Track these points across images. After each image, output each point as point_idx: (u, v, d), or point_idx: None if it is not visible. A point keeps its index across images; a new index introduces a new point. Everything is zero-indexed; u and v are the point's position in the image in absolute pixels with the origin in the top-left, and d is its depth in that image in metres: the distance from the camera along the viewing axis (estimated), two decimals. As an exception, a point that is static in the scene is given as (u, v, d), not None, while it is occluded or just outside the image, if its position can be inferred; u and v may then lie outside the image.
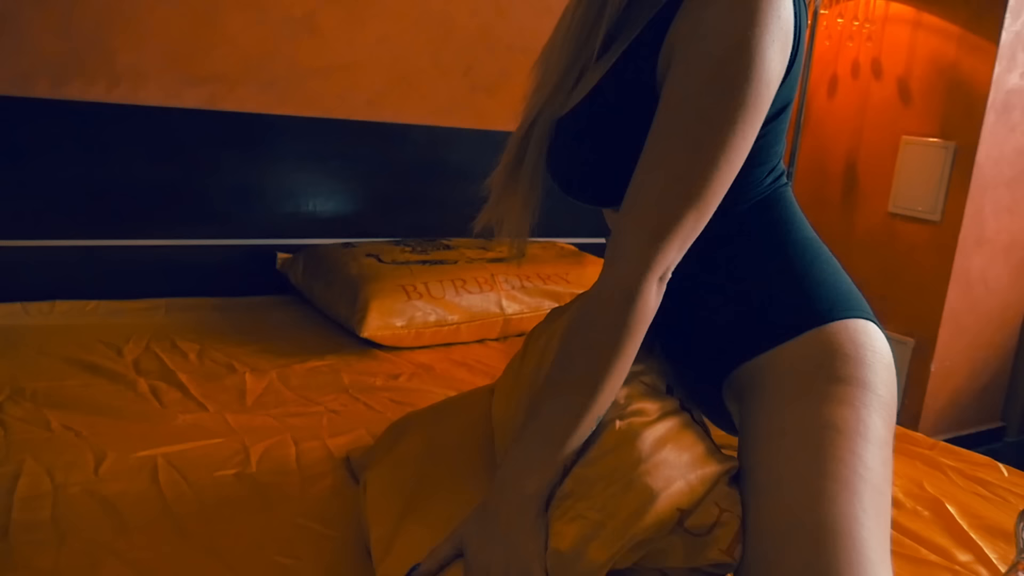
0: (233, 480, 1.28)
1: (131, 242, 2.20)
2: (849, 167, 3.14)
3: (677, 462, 0.91)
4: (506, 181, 1.15)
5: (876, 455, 0.93)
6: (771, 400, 0.99)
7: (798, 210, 1.09)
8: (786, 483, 0.92)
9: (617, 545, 0.85)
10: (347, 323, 1.99)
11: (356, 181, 2.49)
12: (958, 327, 2.98)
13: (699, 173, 0.90)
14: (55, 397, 1.52)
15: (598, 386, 0.92)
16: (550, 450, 0.92)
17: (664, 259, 0.92)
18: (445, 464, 1.11)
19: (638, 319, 0.92)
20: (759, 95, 0.90)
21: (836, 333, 1.00)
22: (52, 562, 1.03)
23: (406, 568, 0.95)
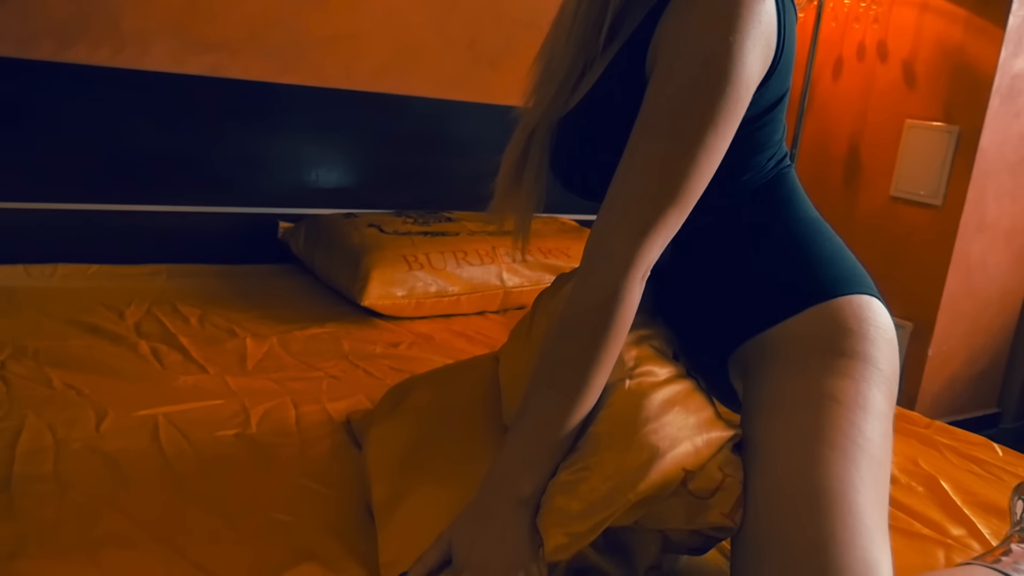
0: (233, 440, 1.29)
1: (133, 207, 2.20)
2: (852, 150, 3.14)
3: (684, 424, 0.92)
4: (512, 179, 1.17)
5: (876, 427, 0.94)
6: (774, 372, 1.01)
7: (801, 190, 1.11)
8: (784, 449, 0.93)
9: (622, 501, 0.87)
10: (348, 292, 1.99)
11: (359, 152, 2.49)
12: (957, 312, 2.99)
13: (680, 172, 0.92)
14: (57, 356, 1.53)
15: (586, 384, 0.93)
16: (542, 449, 0.93)
17: (646, 257, 0.94)
18: (450, 422, 1.12)
19: (623, 317, 0.94)
20: (738, 97, 0.93)
21: (839, 308, 1.02)
22: (54, 513, 1.04)
23: (410, 530, 0.96)
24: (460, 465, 1.01)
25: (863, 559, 0.84)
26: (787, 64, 1.01)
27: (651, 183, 0.93)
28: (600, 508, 0.87)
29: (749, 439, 0.98)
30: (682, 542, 0.98)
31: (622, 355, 0.98)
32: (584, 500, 0.88)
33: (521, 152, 1.15)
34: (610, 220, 0.95)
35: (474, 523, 0.92)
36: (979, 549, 1.20)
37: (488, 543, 0.89)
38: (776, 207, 1.08)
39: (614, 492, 0.87)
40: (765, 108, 1.02)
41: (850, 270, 1.07)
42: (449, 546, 0.91)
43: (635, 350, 0.99)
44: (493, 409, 1.13)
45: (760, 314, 1.05)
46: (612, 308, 0.92)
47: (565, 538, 0.88)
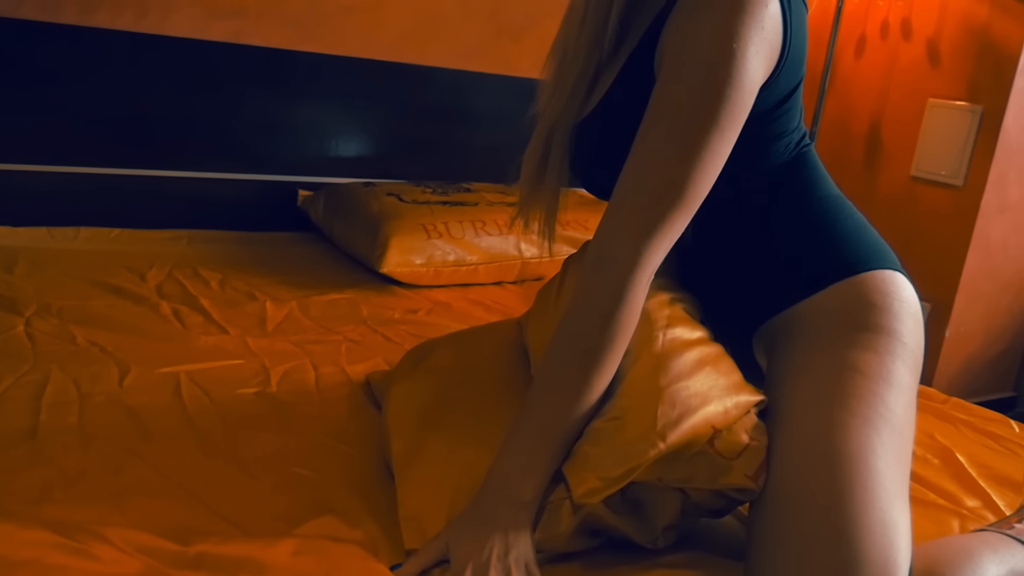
0: (253, 398, 1.30)
1: (155, 172, 2.21)
2: (873, 129, 3.12)
3: (715, 384, 0.94)
4: (534, 181, 1.18)
5: (899, 399, 0.95)
6: (799, 346, 1.02)
7: (823, 169, 1.12)
8: (806, 416, 0.94)
9: (652, 451, 0.88)
10: (366, 259, 2.00)
11: (379, 122, 2.49)
12: (975, 293, 2.97)
13: (684, 175, 0.93)
14: (80, 315, 1.55)
15: (588, 387, 0.94)
16: (543, 452, 0.93)
17: (651, 260, 0.94)
18: (470, 381, 1.12)
19: (627, 320, 0.94)
20: (741, 100, 0.93)
21: (864, 284, 1.03)
22: (79, 461, 1.06)
23: (429, 485, 0.97)
24: (480, 423, 1.02)
25: (881, 520, 0.85)
26: (796, 59, 1.01)
27: (655, 186, 0.94)
28: (630, 457, 0.88)
29: (772, 407, 0.99)
30: (702, 503, 0.98)
31: (654, 313, 0.99)
32: (615, 449, 0.89)
33: (541, 155, 1.16)
34: (614, 223, 0.96)
35: (472, 525, 0.91)
36: (993, 520, 1.20)
37: (488, 545, 0.89)
38: (797, 186, 1.09)
39: (644, 442, 0.88)
40: (779, 100, 1.03)
41: (873, 245, 1.07)
42: (446, 547, 0.90)
43: (667, 309, 1.00)
44: (513, 371, 1.14)
45: (784, 292, 1.06)
46: (616, 311, 0.93)
47: (599, 482, 0.89)
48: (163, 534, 0.90)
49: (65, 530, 0.89)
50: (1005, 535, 0.98)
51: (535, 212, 1.22)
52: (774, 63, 0.98)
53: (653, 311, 1.00)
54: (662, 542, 0.99)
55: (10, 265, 1.79)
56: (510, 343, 1.20)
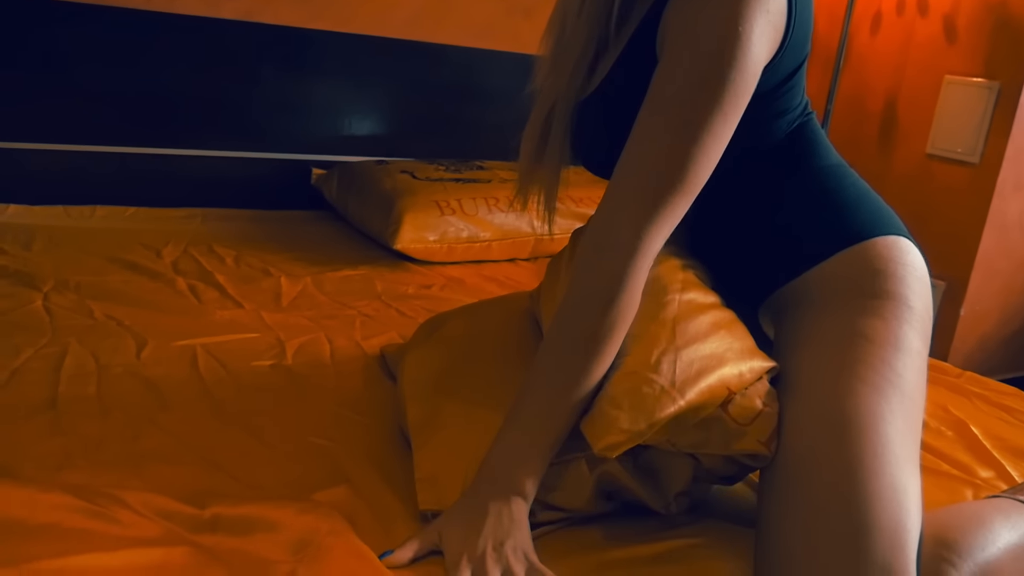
0: (269, 370, 1.32)
1: (168, 151, 2.23)
2: (889, 107, 3.09)
3: (731, 347, 0.95)
4: (533, 160, 1.16)
5: (908, 364, 0.95)
6: (806, 316, 1.02)
7: (824, 138, 1.12)
8: (814, 383, 0.95)
9: (671, 408, 0.88)
10: (380, 236, 2.01)
11: (391, 101, 2.50)
12: (991, 271, 2.96)
13: (686, 158, 0.91)
14: (97, 290, 1.56)
15: (587, 375, 0.92)
16: (540, 442, 0.91)
17: (652, 244, 0.93)
18: (484, 349, 1.13)
19: (627, 306, 0.93)
20: (744, 83, 0.92)
21: (868, 250, 1.02)
22: (98, 430, 1.07)
23: (445, 447, 0.98)
24: (495, 387, 1.02)
25: (891, 484, 0.85)
26: (800, 38, 1.00)
27: (657, 169, 0.92)
28: (650, 412, 0.88)
29: (781, 375, 0.99)
30: (715, 469, 0.99)
31: (668, 276, 0.99)
32: (634, 404, 0.89)
33: (540, 134, 1.14)
34: (614, 207, 0.94)
35: (467, 515, 0.88)
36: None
37: (483, 535, 0.86)
38: (799, 157, 1.09)
39: (665, 397, 0.89)
40: (782, 79, 1.02)
41: (876, 212, 1.07)
42: (439, 537, 0.88)
43: (681, 274, 1.01)
44: (527, 339, 1.14)
45: (789, 263, 1.06)
46: (616, 297, 0.91)
47: (621, 435, 0.88)
48: (181, 498, 0.91)
49: (85, 495, 0.90)
50: (1018, 501, 0.98)
51: (534, 191, 1.21)
52: (778, 44, 0.97)
53: (667, 275, 1.00)
54: (675, 507, 0.99)
55: (27, 242, 1.81)
56: (522, 313, 1.21)
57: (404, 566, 0.85)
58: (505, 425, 0.93)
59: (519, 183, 1.21)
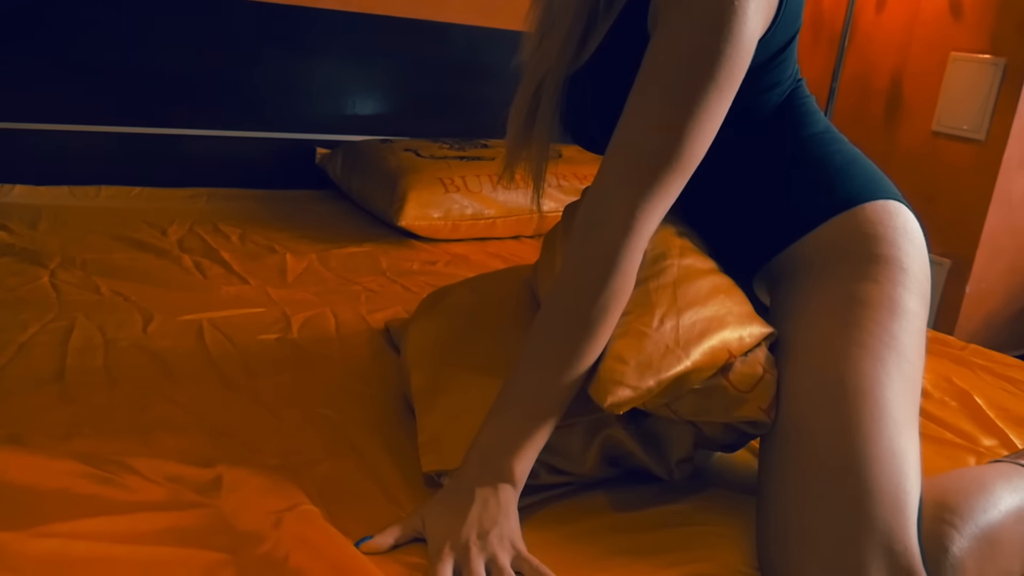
0: (275, 343, 1.32)
1: (173, 131, 2.23)
2: (894, 84, 3.08)
3: (730, 311, 0.95)
4: (521, 136, 1.13)
5: (904, 327, 0.95)
6: (801, 283, 1.03)
7: (813, 104, 1.11)
8: (812, 349, 0.95)
9: (677, 367, 0.89)
10: (385, 214, 2.01)
11: (395, 80, 2.50)
12: (996, 249, 2.95)
13: (681, 134, 0.89)
14: (103, 267, 1.57)
15: (579, 359, 0.89)
16: (529, 428, 0.88)
17: (646, 224, 0.90)
18: (487, 318, 1.14)
19: (620, 288, 0.90)
20: (740, 58, 0.90)
21: (859, 216, 1.02)
22: (106, 399, 1.08)
23: (449, 411, 0.98)
24: (497, 355, 1.03)
25: (890, 448, 0.86)
26: (793, 11, 0.99)
27: (651, 146, 0.90)
28: (656, 370, 0.88)
29: (777, 343, 0.99)
30: (715, 437, 1.00)
31: (666, 242, 0.99)
32: (640, 363, 0.89)
33: (528, 109, 1.11)
34: (607, 184, 0.91)
35: (452, 502, 0.85)
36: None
37: (468, 522, 0.82)
38: (787, 126, 1.08)
39: (670, 356, 0.89)
40: (774, 53, 1.01)
41: (866, 177, 1.07)
42: (422, 524, 0.84)
43: (679, 240, 1.01)
44: (529, 309, 1.15)
45: (781, 233, 1.06)
46: (608, 278, 0.88)
47: (629, 391, 0.88)
48: (188, 463, 0.92)
49: (93, 461, 0.91)
50: (1019, 465, 0.98)
51: (521, 168, 1.18)
52: (771, 18, 0.96)
53: (664, 240, 1.00)
54: (677, 474, 1.00)
55: (34, 221, 1.82)
56: (524, 283, 1.21)
57: (384, 553, 0.82)
58: (494, 409, 0.90)
59: (506, 159, 1.18)
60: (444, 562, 0.79)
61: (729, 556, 0.89)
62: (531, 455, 0.88)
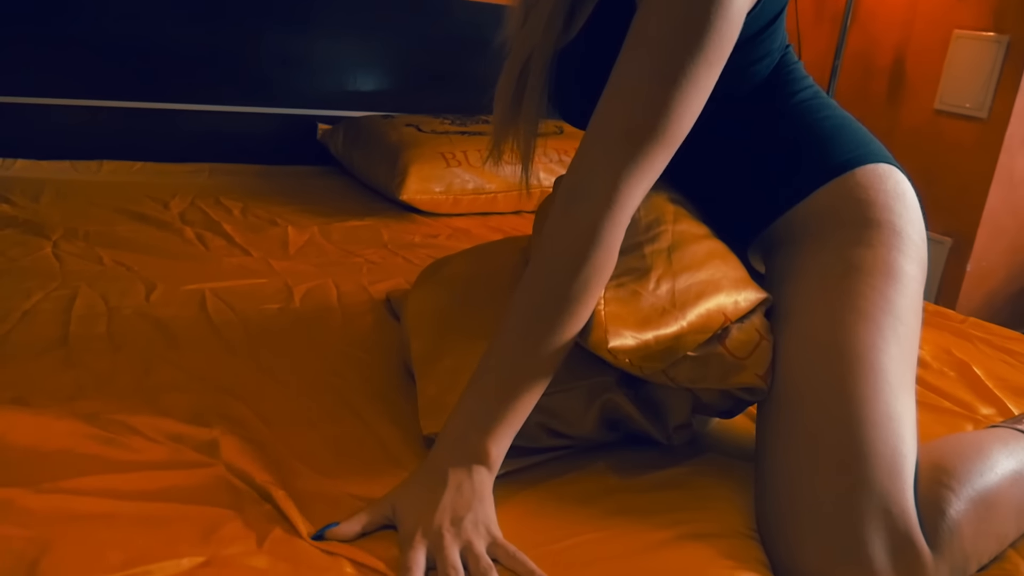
0: (277, 313, 1.33)
1: (174, 106, 2.23)
2: (897, 62, 3.07)
3: (725, 275, 0.95)
4: (508, 115, 1.11)
5: (900, 290, 0.95)
6: (796, 250, 1.03)
7: (801, 70, 1.10)
8: (808, 316, 0.96)
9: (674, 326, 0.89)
10: (386, 188, 2.02)
11: (397, 56, 2.49)
12: (997, 228, 2.95)
13: (667, 107, 0.86)
14: (106, 238, 1.58)
15: (558, 336, 0.86)
16: (506, 407, 0.84)
17: (629, 197, 0.87)
18: (487, 286, 1.14)
19: (602, 263, 0.87)
20: (729, 30, 0.87)
21: (851, 181, 1.02)
22: (109, 364, 1.09)
23: (449, 376, 0.99)
24: (496, 321, 1.03)
25: (886, 412, 0.86)
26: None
27: (636, 118, 0.86)
28: (655, 326, 0.89)
29: (773, 310, 1.00)
30: (712, 404, 1.00)
31: (660, 208, 0.99)
32: (640, 319, 0.89)
33: (515, 87, 1.08)
34: (589, 158, 0.88)
35: (425, 485, 0.81)
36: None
37: (441, 507, 0.78)
38: (776, 96, 1.07)
39: (667, 316, 0.90)
40: (763, 25, 1.00)
41: (856, 141, 1.06)
42: (392, 510, 0.81)
43: (672, 206, 1.01)
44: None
45: (774, 201, 1.06)
46: (590, 253, 0.85)
47: (631, 339, 0.88)
48: (191, 423, 0.93)
49: (97, 422, 0.92)
50: (1016, 430, 0.99)
51: (508, 147, 1.15)
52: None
53: (659, 206, 1.00)
54: (676, 439, 1.01)
55: (36, 194, 1.83)
56: (522, 252, 1.21)
57: (350, 541, 0.78)
58: (468, 388, 0.86)
59: (493, 138, 1.15)
60: (416, 550, 0.75)
61: (728, 517, 0.89)
62: (507, 436, 0.85)
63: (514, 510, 0.86)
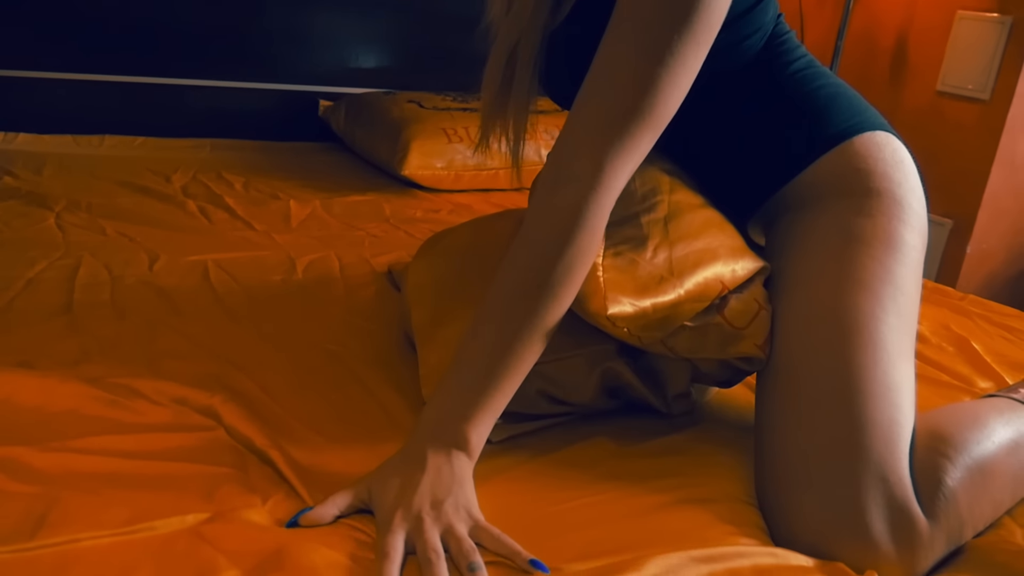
0: (280, 284, 1.34)
1: (176, 81, 2.23)
2: (900, 43, 3.07)
3: (722, 244, 0.95)
4: (496, 104, 1.09)
5: (900, 260, 0.96)
6: (796, 221, 1.03)
7: (794, 40, 1.09)
8: (807, 286, 0.96)
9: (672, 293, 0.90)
10: (388, 164, 2.02)
11: (399, 33, 2.49)
12: (998, 210, 2.95)
13: (653, 86, 0.84)
14: (108, 210, 1.59)
15: (540, 320, 0.83)
16: (487, 391, 0.82)
17: (614, 179, 0.85)
18: (489, 256, 1.14)
19: (585, 245, 0.84)
20: (719, 9, 0.86)
21: (849, 151, 1.02)
22: (114, 331, 1.09)
23: (451, 345, 0.99)
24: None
25: (884, 382, 0.87)
26: None
27: (621, 96, 0.84)
28: (653, 294, 0.89)
29: (772, 279, 1.00)
30: (711, 373, 1.01)
31: (653, 180, 0.99)
32: (637, 286, 0.90)
33: (503, 73, 1.05)
34: (574, 138, 0.86)
35: (402, 470, 0.78)
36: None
37: (420, 491, 0.76)
38: (769, 69, 1.05)
39: (665, 284, 0.90)
40: (754, 1, 0.99)
41: (851, 109, 1.05)
42: (368, 493, 0.78)
43: (667, 177, 1.01)
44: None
45: (774, 173, 1.05)
46: (574, 235, 0.83)
47: (630, 307, 0.88)
48: (194, 387, 0.94)
49: (101, 386, 0.93)
50: (1012, 399, 0.99)
51: (498, 134, 1.13)
52: None
53: (655, 177, 1.00)
54: (675, 408, 1.02)
55: (38, 167, 1.83)
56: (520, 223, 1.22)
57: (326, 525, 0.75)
58: (448, 373, 0.84)
59: (482, 125, 1.12)
60: (395, 534, 0.72)
61: (727, 484, 0.90)
62: (487, 423, 0.82)
63: (512, 473, 0.87)
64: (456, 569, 0.71)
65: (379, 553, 0.71)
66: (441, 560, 0.70)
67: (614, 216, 0.94)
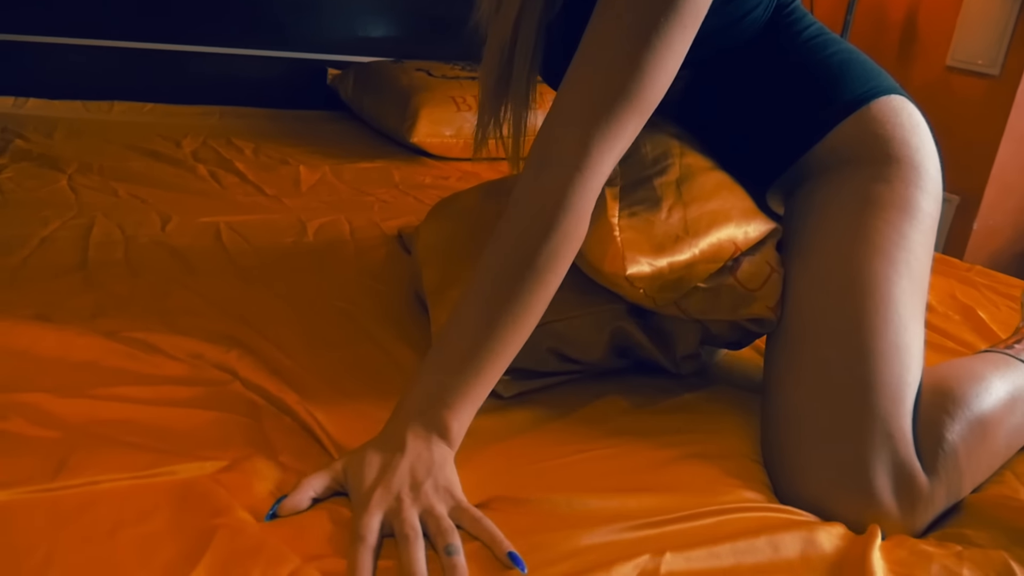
0: (291, 246, 1.35)
1: (185, 47, 2.23)
2: (909, 17, 3.05)
3: (733, 206, 0.96)
4: (493, 98, 1.07)
5: (915, 225, 0.96)
6: (815, 188, 1.03)
7: (799, 7, 1.08)
8: (822, 248, 0.96)
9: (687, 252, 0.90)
10: (396, 132, 2.02)
11: (408, 2, 2.49)
12: (1006, 186, 2.95)
13: (640, 68, 0.82)
14: (120, 173, 1.60)
15: (526, 305, 0.81)
16: (469, 376, 0.79)
17: (601, 163, 0.83)
18: (497, 216, 1.15)
19: (571, 230, 0.82)
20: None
21: (868, 115, 1.02)
22: (128, 288, 1.11)
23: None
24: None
25: (895, 343, 0.88)
26: None
27: (608, 79, 0.83)
28: (669, 253, 0.90)
29: (787, 242, 1.01)
30: (721, 334, 1.02)
31: (663, 144, 0.99)
32: (653, 246, 0.90)
33: (501, 67, 1.03)
34: (559, 122, 0.84)
35: (380, 450, 0.76)
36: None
37: (400, 472, 0.73)
38: (779, 39, 1.05)
39: (680, 243, 0.91)
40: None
41: (866, 75, 1.05)
42: (344, 475, 0.75)
43: (676, 141, 1.01)
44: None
45: (791, 143, 1.05)
46: (560, 219, 0.81)
47: (647, 267, 0.89)
48: (209, 343, 0.96)
49: (118, 339, 0.94)
50: (1007, 355, 1.00)
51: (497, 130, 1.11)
52: None
53: (664, 141, 1.00)
54: (684, 369, 1.03)
55: (49, 131, 1.84)
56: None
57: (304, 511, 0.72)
58: (429, 357, 0.82)
59: (480, 119, 1.10)
60: (371, 515, 0.69)
61: (735, 441, 0.91)
62: (469, 411, 0.80)
63: (523, 426, 0.89)
64: (434, 550, 0.68)
65: (353, 535, 0.67)
66: (419, 538, 0.68)
67: (626, 180, 0.95)
